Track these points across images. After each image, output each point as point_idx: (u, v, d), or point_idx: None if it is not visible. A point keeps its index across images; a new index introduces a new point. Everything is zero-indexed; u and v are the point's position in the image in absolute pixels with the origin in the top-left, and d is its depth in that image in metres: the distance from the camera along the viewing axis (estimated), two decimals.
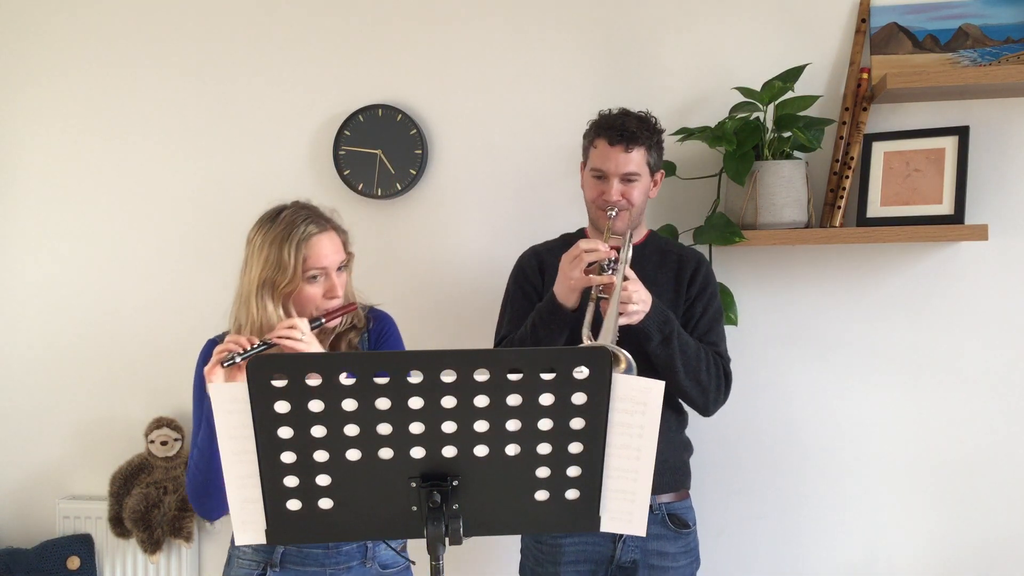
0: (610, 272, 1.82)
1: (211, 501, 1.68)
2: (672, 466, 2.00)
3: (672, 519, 1.99)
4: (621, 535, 1.95)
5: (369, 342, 1.84)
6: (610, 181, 1.95)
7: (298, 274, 1.68)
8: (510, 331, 2.02)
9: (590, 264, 1.83)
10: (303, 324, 1.65)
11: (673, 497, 2.01)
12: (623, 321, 1.78)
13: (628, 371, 1.73)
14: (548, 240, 2.17)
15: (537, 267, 2.08)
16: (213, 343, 1.78)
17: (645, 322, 1.82)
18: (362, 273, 1.93)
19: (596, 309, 1.84)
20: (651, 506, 1.96)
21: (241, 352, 1.60)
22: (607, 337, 1.73)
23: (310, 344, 1.64)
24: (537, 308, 1.93)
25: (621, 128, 1.93)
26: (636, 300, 1.80)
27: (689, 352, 1.89)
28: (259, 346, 1.63)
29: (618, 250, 1.90)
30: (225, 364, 1.59)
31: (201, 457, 1.67)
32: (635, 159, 1.94)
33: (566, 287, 1.85)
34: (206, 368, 1.63)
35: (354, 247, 1.83)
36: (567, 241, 2.09)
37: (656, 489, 1.94)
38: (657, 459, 1.92)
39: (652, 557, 1.97)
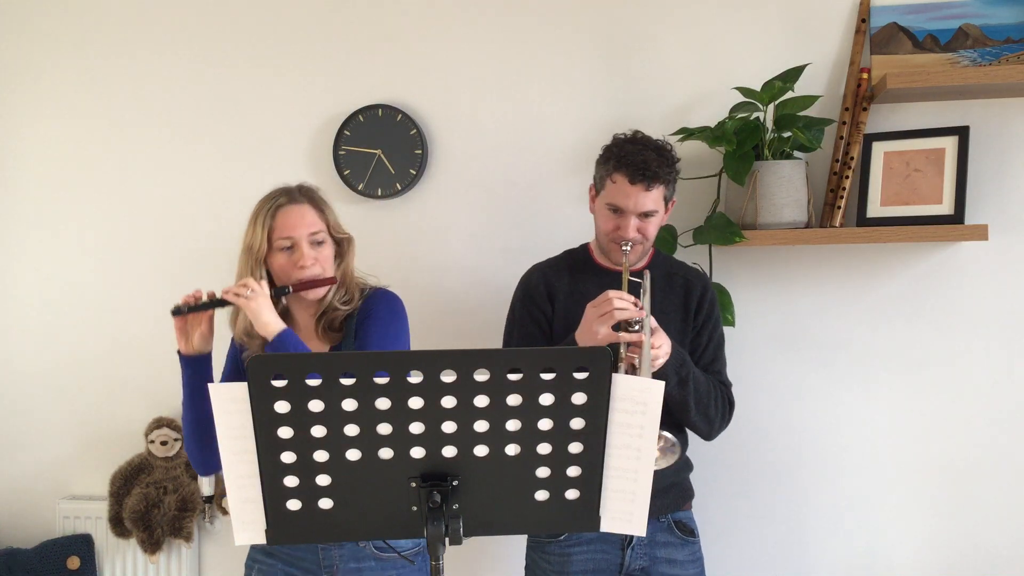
0: (636, 328, 1.75)
1: (207, 451, 1.82)
2: (674, 484, 2.01)
3: (678, 526, 1.99)
4: (630, 542, 1.94)
5: (356, 320, 1.87)
6: (627, 217, 1.88)
7: (264, 242, 1.80)
8: None
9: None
10: (256, 284, 1.75)
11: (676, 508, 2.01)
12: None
13: (671, 450, 1.74)
14: (551, 257, 2.11)
15: (545, 294, 2.01)
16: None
17: (664, 367, 1.81)
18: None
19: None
20: (657, 516, 1.96)
21: (192, 304, 1.74)
22: None
23: (259, 304, 1.73)
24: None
25: (643, 167, 1.84)
26: (662, 354, 1.78)
27: (701, 390, 1.89)
28: (208, 301, 1.76)
29: (638, 288, 1.86)
30: (172, 313, 1.73)
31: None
32: (654, 197, 1.87)
33: (592, 340, 1.76)
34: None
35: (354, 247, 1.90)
36: (571, 259, 2.07)
37: (662, 509, 1.96)
38: (661, 481, 1.92)
39: (661, 565, 1.96)
